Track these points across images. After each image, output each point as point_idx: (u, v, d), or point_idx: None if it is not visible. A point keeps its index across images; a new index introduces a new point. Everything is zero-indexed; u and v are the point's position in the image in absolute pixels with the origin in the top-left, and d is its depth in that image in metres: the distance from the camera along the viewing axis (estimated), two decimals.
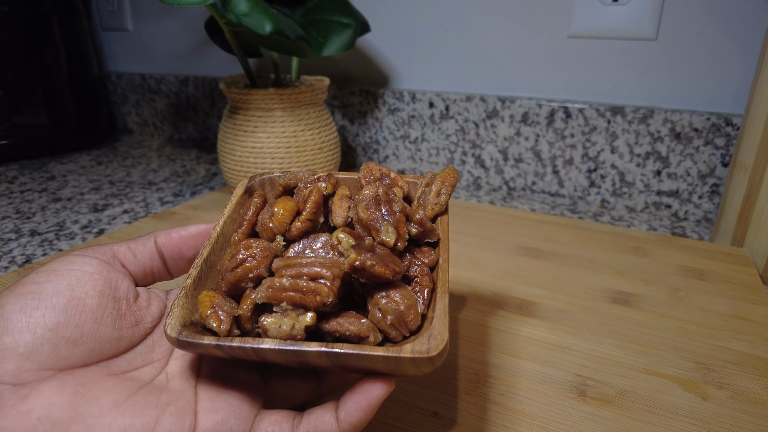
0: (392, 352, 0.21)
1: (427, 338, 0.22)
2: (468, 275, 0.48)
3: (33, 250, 0.54)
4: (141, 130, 1.07)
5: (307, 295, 0.22)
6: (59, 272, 0.23)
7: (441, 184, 0.29)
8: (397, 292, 0.23)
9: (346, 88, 0.79)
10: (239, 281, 0.25)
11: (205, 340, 0.22)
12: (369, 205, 0.26)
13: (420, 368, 0.21)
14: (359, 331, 0.22)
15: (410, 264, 0.26)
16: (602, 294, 0.45)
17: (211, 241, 0.28)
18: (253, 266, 0.25)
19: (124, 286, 0.25)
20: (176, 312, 0.24)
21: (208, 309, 0.23)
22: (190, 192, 0.73)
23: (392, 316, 0.23)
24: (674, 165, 0.62)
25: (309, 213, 0.27)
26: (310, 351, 0.21)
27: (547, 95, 0.68)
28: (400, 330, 0.23)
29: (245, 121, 0.60)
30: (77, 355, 0.22)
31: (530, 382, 0.34)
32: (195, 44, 0.94)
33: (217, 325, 0.23)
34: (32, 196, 0.70)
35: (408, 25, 0.74)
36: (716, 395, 0.33)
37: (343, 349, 0.21)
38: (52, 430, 0.20)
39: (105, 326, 0.23)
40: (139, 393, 0.23)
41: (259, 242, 0.26)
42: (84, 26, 0.92)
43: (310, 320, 0.22)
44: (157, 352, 0.26)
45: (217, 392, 0.24)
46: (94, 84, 0.95)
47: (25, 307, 0.22)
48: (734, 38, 0.58)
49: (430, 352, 0.21)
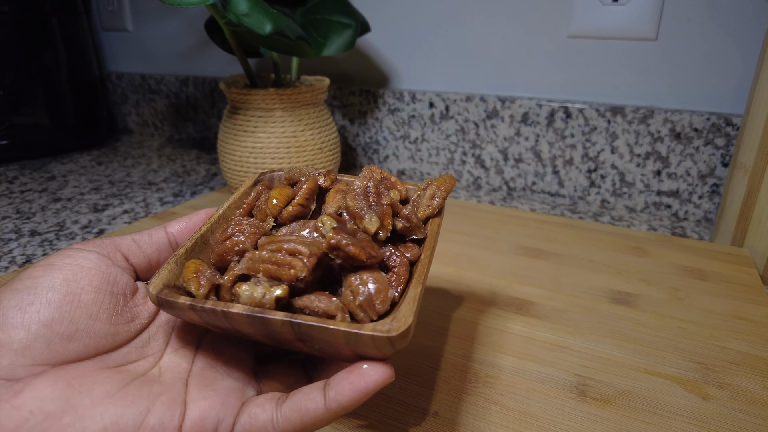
0: (353, 328, 0.21)
1: (390, 319, 0.22)
2: (468, 275, 0.48)
3: (33, 250, 0.54)
4: (141, 130, 1.07)
5: (283, 267, 0.23)
6: (56, 266, 0.23)
7: (436, 188, 0.30)
8: (370, 275, 0.24)
9: (346, 88, 0.79)
10: (225, 254, 0.26)
11: (180, 299, 0.23)
12: (358, 196, 0.27)
13: (380, 348, 0.21)
14: (328, 309, 0.23)
15: (391, 255, 0.26)
16: (602, 294, 0.45)
17: (211, 221, 0.29)
18: (239, 241, 0.26)
19: (123, 281, 0.25)
20: (162, 274, 0.25)
21: (191, 274, 0.25)
22: (190, 192, 0.73)
23: (362, 298, 0.23)
24: (674, 165, 0.62)
25: (301, 198, 0.28)
26: (274, 319, 0.22)
27: (547, 95, 0.68)
28: (368, 312, 0.23)
29: (245, 121, 0.60)
30: (71, 350, 0.22)
31: (530, 382, 0.34)
32: (195, 44, 0.94)
33: (196, 288, 0.24)
34: (32, 196, 0.70)
35: (408, 25, 0.74)
36: (716, 395, 0.33)
37: (305, 321, 0.21)
38: (44, 422, 0.20)
39: (100, 322, 0.23)
40: (131, 385, 0.23)
41: (249, 220, 0.27)
42: (84, 26, 0.92)
43: (282, 292, 0.23)
44: (152, 346, 0.26)
45: (207, 384, 0.25)
46: (94, 84, 0.95)
47: (20, 303, 0.22)
48: (734, 38, 0.58)
49: (390, 332, 0.21)
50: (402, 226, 0.27)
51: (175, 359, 0.26)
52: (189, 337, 0.27)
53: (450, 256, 0.52)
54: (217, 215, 0.30)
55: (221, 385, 0.25)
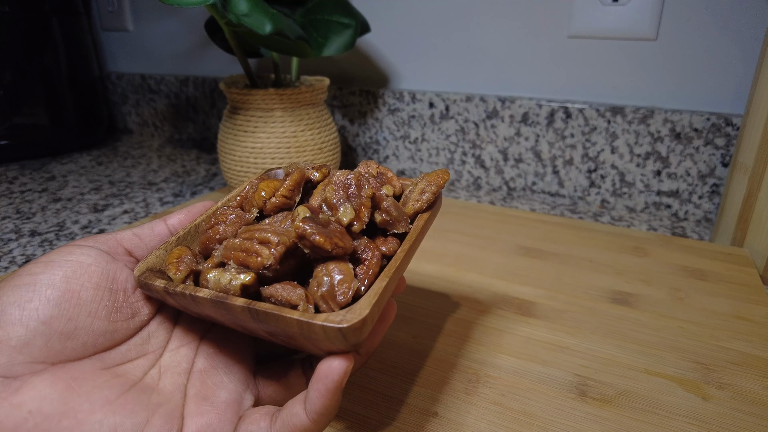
0: (305, 317, 0.21)
1: (345, 311, 0.21)
2: (468, 275, 0.48)
3: (33, 251, 0.54)
4: (141, 130, 1.07)
5: (251, 255, 0.23)
6: (56, 263, 0.23)
7: (427, 183, 0.30)
8: (336, 266, 0.23)
9: (346, 88, 0.79)
10: (208, 242, 0.27)
11: (156, 282, 0.24)
12: (337, 188, 0.27)
13: (333, 341, 0.21)
14: (290, 299, 0.23)
15: (364, 248, 0.26)
16: (602, 294, 0.45)
17: (208, 212, 0.30)
18: (221, 230, 0.27)
19: (122, 276, 0.25)
20: (149, 259, 0.26)
21: (172, 259, 0.26)
22: (190, 192, 0.73)
23: (324, 289, 0.23)
24: (674, 165, 0.62)
25: (285, 189, 0.28)
26: (234, 305, 0.22)
27: (547, 95, 0.68)
28: (329, 304, 0.22)
29: (245, 121, 0.60)
30: (70, 348, 0.22)
31: (530, 382, 0.34)
32: (195, 44, 0.94)
33: (174, 272, 0.25)
34: (32, 197, 0.70)
35: (408, 25, 0.74)
36: (716, 395, 0.33)
37: (262, 308, 0.22)
38: (43, 424, 0.20)
39: (99, 319, 0.23)
40: (131, 392, 0.23)
41: (234, 211, 0.28)
42: (84, 26, 0.92)
43: (248, 280, 0.23)
44: (152, 343, 0.26)
45: (205, 396, 0.25)
46: (94, 84, 0.95)
47: (19, 299, 0.22)
48: (734, 38, 0.58)
49: (341, 323, 0.20)
50: (382, 219, 0.27)
51: (176, 358, 0.26)
52: (190, 335, 0.27)
53: (450, 256, 0.52)
54: (215, 207, 0.30)
55: (219, 397, 0.25)
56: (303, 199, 0.30)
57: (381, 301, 0.23)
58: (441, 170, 0.31)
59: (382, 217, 0.27)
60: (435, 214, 0.30)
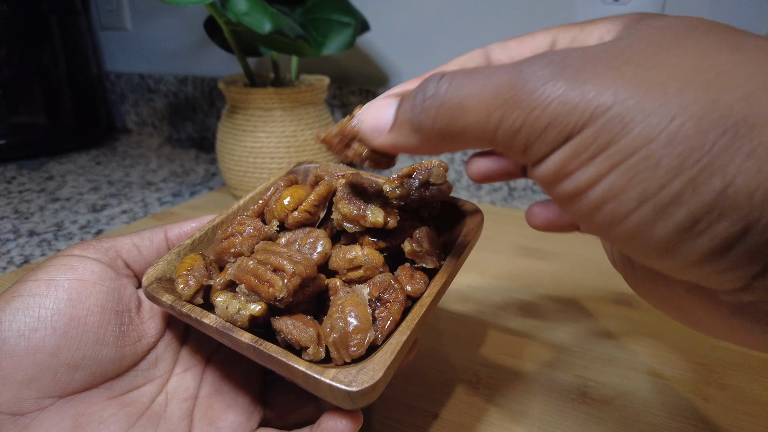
0: (313, 372, 0.19)
1: (357, 370, 0.19)
2: (468, 275, 0.48)
3: (31, 251, 0.54)
4: (140, 129, 1.07)
5: (263, 284, 0.21)
6: (59, 283, 0.22)
7: None
8: (354, 308, 0.21)
9: (346, 87, 0.79)
10: (222, 253, 0.25)
11: (164, 297, 0.23)
12: (346, 198, 0.25)
13: (339, 401, 0.19)
14: (299, 339, 0.21)
15: (387, 287, 0.23)
16: (603, 294, 0.45)
17: (228, 212, 0.28)
18: (237, 242, 0.25)
19: (127, 293, 0.24)
20: (160, 265, 0.24)
21: (183, 270, 0.24)
22: (189, 192, 0.72)
23: (336, 335, 0.21)
24: None
25: (309, 204, 0.26)
26: (240, 341, 0.20)
27: None
28: (341, 353, 0.21)
29: (244, 120, 0.60)
30: (78, 380, 0.22)
31: (531, 384, 0.34)
32: (194, 44, 0.94)
33: (183, 287, 0.23)
34: (31, 196, 0.70)
35: (408, 24, 0.74)
36: (717, 396, 0.33)
37: (269, 351, 0.20)
38: None
39: (107, 346, 0.22)
40: (138, 425, 0.22)
41: (253, 222, 0.26)
42: (83, 25, 0.91)
43: (257, 312, 0.21)
44: (159, 368, 0.25)
45: (211, 419, 0.24)
46: (93, 83, 0.95)
47: (23, 328, 0.21)
48: None
49: (351, 386, 0.18)
50: (411, 250, 0.25)
51: (183, 383, 0.25)
52: (197, 357, 0.26)
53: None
54: (237, 206, 0.28)
55: (225, 422, 0.24)
56: (328, 211, 0.28)
57: (398, 360, 0.20)
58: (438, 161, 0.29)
59: (411, 247, 0.25)
60: (473, 245, 0.27)
